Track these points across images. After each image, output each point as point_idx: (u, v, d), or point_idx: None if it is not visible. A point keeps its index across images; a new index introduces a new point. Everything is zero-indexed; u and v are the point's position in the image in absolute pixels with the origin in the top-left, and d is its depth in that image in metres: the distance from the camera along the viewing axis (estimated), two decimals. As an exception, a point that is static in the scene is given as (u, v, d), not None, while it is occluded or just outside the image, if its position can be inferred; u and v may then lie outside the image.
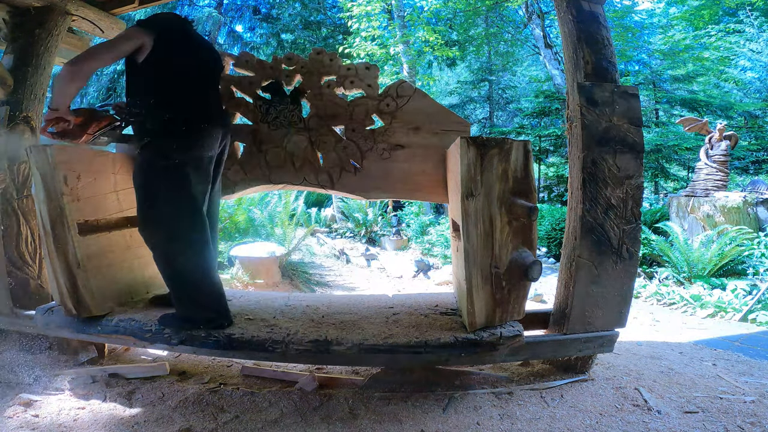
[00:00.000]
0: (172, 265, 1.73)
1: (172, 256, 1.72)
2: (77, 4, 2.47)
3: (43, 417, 1.70)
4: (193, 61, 1.79)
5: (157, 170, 1.70)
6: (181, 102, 1.72)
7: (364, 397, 1.85)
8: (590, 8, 1.96)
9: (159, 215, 1.71)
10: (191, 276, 1.72)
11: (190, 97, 1.76)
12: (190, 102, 1.75)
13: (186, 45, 1.80)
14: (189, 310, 1.74)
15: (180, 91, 1.74)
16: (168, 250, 1.72)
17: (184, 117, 1.70)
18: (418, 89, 2.20)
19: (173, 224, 1.70)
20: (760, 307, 3.78)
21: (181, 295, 1.75)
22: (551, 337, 1.92)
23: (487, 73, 14.09)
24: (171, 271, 1.74)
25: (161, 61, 1.70)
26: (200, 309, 1.74)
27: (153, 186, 1.71)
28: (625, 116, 1.87)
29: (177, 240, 1.70)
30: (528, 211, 1.56)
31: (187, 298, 1.74)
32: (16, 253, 2.25)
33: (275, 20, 12.83)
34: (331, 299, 2.29)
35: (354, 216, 8.90)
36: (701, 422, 1.64)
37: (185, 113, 1.71)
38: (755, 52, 10.25)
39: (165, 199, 1.70)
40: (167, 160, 1.68)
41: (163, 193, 1.70)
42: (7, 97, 2.27)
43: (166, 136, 1.69)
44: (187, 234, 1.71)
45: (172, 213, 1.70)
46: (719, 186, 5.72)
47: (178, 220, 1.70)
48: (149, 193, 1.72)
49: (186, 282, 1.73)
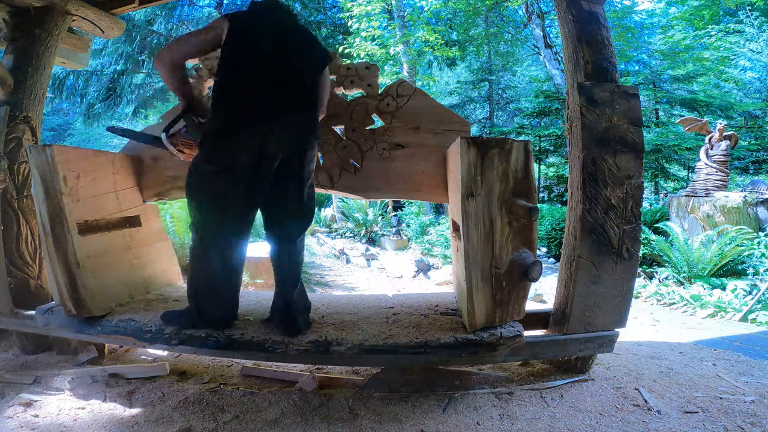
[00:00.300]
0: (202, 266, 1.72)
1: (203, 260, 1.70)
2: (77, 4, 2.47)
3: (43, 417, 1.69)
4: (247, 54, 1.63)
5: (194, 171, 1.67)
6: (224, 101, 1.63)
7: (364, 397, 1.84)
8: (590, 8, 1.96)
9: (202, 220, 1.68)
10: (215, 279, 1.71)
11: (234, 94, 1.62)
12: (233, 100, 1.62)
13: (245, 36, 1.63)
14: (204, 310, 1.75)
15: (227, 89, 1.63)
16: (201, 254, 1.70)
17: (222, 116, 1.61)
18: (418, 89, 2.20)
19: (201, 225, 1.67)
20: (760, 307, 3.77)
21: (200, 294, 1.74)
22: (551, 337, 1.92)
23: (487, 73, 14.08)
24: (198, 270, 1.73)
25: (223, 57, 1.64)
26: (212, 310, 1.75)
27: (198, 188, 1.68)
28: (625, 116, 1.87)
29: (210, 247, 1.67)
30: (528, 212, 1.55)
31: (205, 298, 1.74)
32: (16, 253, 2.25)
33: (275, 20, 12.81)
34: (331, 299, 2.29)
35: (354, 216, 8.91)
36: (701, 422, 1.64)
37: (225, 113, 1.61)
38: (755, 52, 10.25)
39: (197, 198, 1.68)
40: (205, 164, 1.63)
41: (203, 197, 1.67)
42: (7, 97, 2.27)
43: (205, 139, 1.64)
44: (212, 237, 1.67)
45: (202, 212, 1.67)
46: (719, 186, 5.72)
47: (205, 221, 1.67)
48: (195, 195, 1.69)
49: (207, 284, 1.72)
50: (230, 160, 1.59)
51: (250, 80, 1.61)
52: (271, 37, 1.65)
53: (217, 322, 1.76)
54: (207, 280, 1.72)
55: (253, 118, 1.59)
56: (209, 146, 1.63)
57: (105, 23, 2.68)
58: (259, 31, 1.65)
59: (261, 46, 1.63)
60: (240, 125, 1.59)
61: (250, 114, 1.59)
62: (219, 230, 1.66)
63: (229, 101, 1.61)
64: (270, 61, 1.63)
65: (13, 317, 2.13)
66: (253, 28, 1.66)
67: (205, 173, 1.63)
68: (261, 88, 1.61)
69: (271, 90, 1.62)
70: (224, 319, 1.79)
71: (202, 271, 1.72)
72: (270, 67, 1.63)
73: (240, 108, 1.60)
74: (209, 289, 1.73)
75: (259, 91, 1.61)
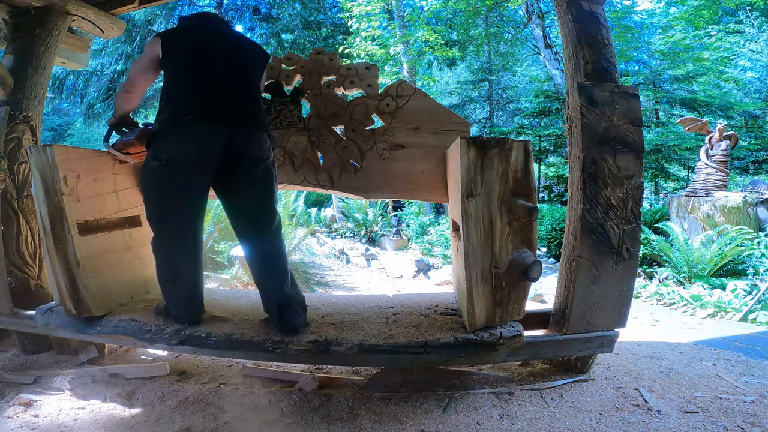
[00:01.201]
0: (156, 260, 1.81)
1: (155, 252, 1.80)
2: (77, 4, 2.47)
3: (43, 417, 1.70)
4: (188, 55, 1.75)
5: (146, 169, 1.75)
6: (171, 99, 1.73)
7: (364, 397, 1.85)
8: (590, 8, 1.96)
9: (147, 213, 1.80)
10: (166, 273, 1.79)
11: (180, 93, 1.74)
12: (180, 98, 1.73)
13: (185, 41, 1.79)
14: (167, 303, 1.83)
15: (173, 88, 1.75)
16: (153, 245, 1.80)
17: (170, 114, 1.70)
18: (418, 89, 2.20)
19: (154, 223, 1.76)
20: (760, 307, 3.77)
21: (161, 288, 1.82)
22: (551, 337, 1.91)
23: (487, 73, 14.09)
24: (156, 265, 1.82)
25: (165, 63, 1.78)
26: (171, 305, 1.82)
27: (143, 185, 1.83)
28: (625, 116, 1.87)
29: (157, 238, 1.77)
30: (528, 211, 1.55)
31: (164, 291, 1.82)
32: (16, 253, 2.25)
33: (275, 20, 12.81)
34: (331, 299, 2.29)
35: (354, 216, 8.91)
36: (701, 422, 1.64)
37: (172, 110, 1.71)
38: (755, 52, 10.25)
39: (149, 199, 1.77)
40: (154, 160, 1.70)
41: (147, 193, 1.78)
42: (7, 97, 2.27)
43: (154, 136, 1.72)
44: (165, 234, 1.75)
45: (153, 211, 1.76)
46: (719, 186, 5.72)
47: (157, 219, 1.75)
48: (143, 192, 1.86)
49: (162, 278, 1.80)
50: (171, 155, 1.68)
51: (187, 84, 1.73)
52: (202, 43, 1.78)
53: (179, 317, 1.80)
54: (163, 274, 1.80)
55: (192, 118, 1.67)
56: (155, 144, 1.72)
57: (105, 23, 2.68)
58: (189, 40, 1.79)
59: (193, 52, 1.76)
60: (179, 126, 1.68)
61: (189, 115, 1.67)
62: (166, 223, 1.73)
63: (170, 105, 1.72)
64: (205, 64, 1.75)
65: (13, 317, 2.13)
66: (183, 39, 1.80)
67: (152, 169, 1.71)
68: (198, 90, 1.72)
69: (208, 90, 1.72)
70: (186, 316, 1.80)
71: (159, 263, 1.80)
72: (205, 70, 1.75)
73: (179, 110, 1.69)
74: (166, 282, 1.79)
75: (197, 92, 1.72)
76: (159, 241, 1.77)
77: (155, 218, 1.75)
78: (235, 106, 1.74)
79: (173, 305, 1.80)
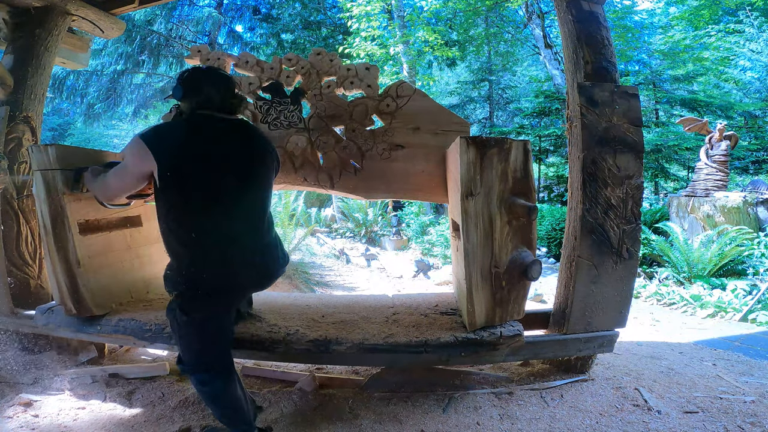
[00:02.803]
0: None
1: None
2: (77, 4, 2.47)
3: (43, 417, 1.70)
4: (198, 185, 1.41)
5: (174, 317, 1.51)
6: (193, 263, 1.45)
7: (364, 397, 1.85)
8: (590, 8, 1.96)
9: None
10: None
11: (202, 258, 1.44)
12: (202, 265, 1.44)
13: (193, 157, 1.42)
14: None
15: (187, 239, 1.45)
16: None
17: (196, 283, 1.44)
18: (418, 89, 2.20)
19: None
20: (760, 307, 3.77)
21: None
22: (551, 337, 1.92)
23: (487, 73, 14.08)
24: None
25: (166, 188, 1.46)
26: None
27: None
28: (625, 116, 1.87)
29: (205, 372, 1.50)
30: (528, 211, 1.56)
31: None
32: (16, 253, 2.25)
33: (275, 20, 12.80)
34: (331, 299, 2.29)
35: (354, 216, 8.91)
36: (701, 422, 1.64)
37: (196, 277, 1.45)
38: (755, 52, 10.24)
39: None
40: (183, 315, 1.47)
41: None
42: (7, 97, 2.28)
43: (182, 296, 1.49)
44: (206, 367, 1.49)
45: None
46: (719, 186, 5.72)
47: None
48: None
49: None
50: (202, 315, 1.44)
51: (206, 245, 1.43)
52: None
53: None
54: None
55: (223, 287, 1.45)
56: (183, 303, 1.45)
57: (105, 23, 2.68)
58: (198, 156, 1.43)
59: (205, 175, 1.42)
60: (210, 296, 1.43)
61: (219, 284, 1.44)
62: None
63: (193, 268, 1.43)
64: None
65: (13, 317, 2.13)
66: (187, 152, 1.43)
67: (182, 323, 1.44)
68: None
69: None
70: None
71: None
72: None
73: (206, 282, 1.42)
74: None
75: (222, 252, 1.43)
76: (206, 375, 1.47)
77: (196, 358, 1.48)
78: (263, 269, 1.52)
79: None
